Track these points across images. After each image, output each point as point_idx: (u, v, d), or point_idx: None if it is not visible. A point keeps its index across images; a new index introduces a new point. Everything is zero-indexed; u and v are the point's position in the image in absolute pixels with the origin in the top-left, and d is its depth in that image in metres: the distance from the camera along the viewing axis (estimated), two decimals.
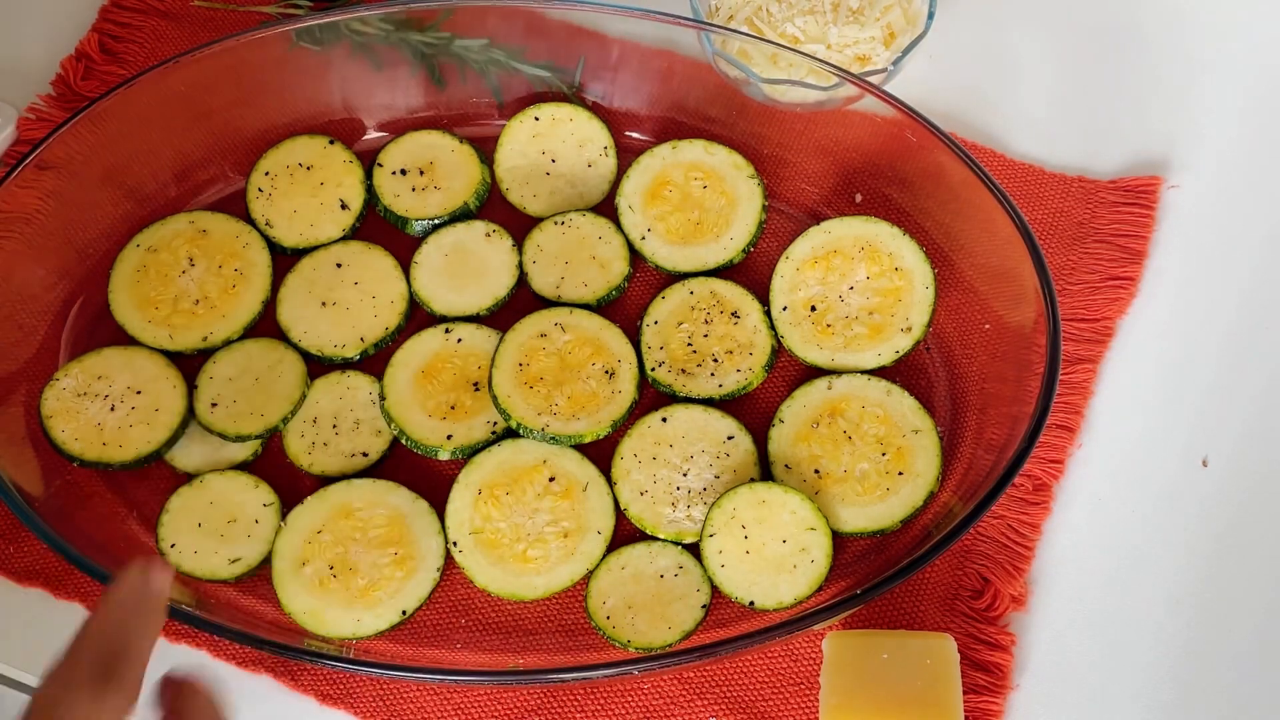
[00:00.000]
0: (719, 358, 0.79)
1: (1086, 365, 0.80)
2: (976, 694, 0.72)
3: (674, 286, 0.81)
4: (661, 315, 0.80)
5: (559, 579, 0.74)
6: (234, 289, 0.81)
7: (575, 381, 0.78)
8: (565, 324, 0.79)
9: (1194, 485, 0.78)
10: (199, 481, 0.76)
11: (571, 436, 0.76)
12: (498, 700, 0.72)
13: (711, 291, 0.81)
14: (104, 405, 0.77)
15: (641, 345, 0.79)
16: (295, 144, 0.85)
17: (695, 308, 0.80)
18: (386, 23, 0.85)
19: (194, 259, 0.81)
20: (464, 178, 0.84)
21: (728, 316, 0.80)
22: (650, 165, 0.84)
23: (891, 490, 0.74)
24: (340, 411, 0.78)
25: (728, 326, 0.79)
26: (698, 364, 0.78)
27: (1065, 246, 0.83)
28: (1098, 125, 0.88)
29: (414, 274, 0.82)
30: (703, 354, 0.79)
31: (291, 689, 0.73)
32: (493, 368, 0.77)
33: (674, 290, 0.81)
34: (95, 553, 0.69)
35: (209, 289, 0.81)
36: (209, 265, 0.81)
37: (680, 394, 0.78)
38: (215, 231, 0.82)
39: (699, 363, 0.78)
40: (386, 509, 0.75)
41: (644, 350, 0.79)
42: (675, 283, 0.81)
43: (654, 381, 0.79)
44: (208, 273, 0.81)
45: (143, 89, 0.81)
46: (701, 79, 0.86)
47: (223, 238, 0.82)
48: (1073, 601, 0.75)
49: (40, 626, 0.74)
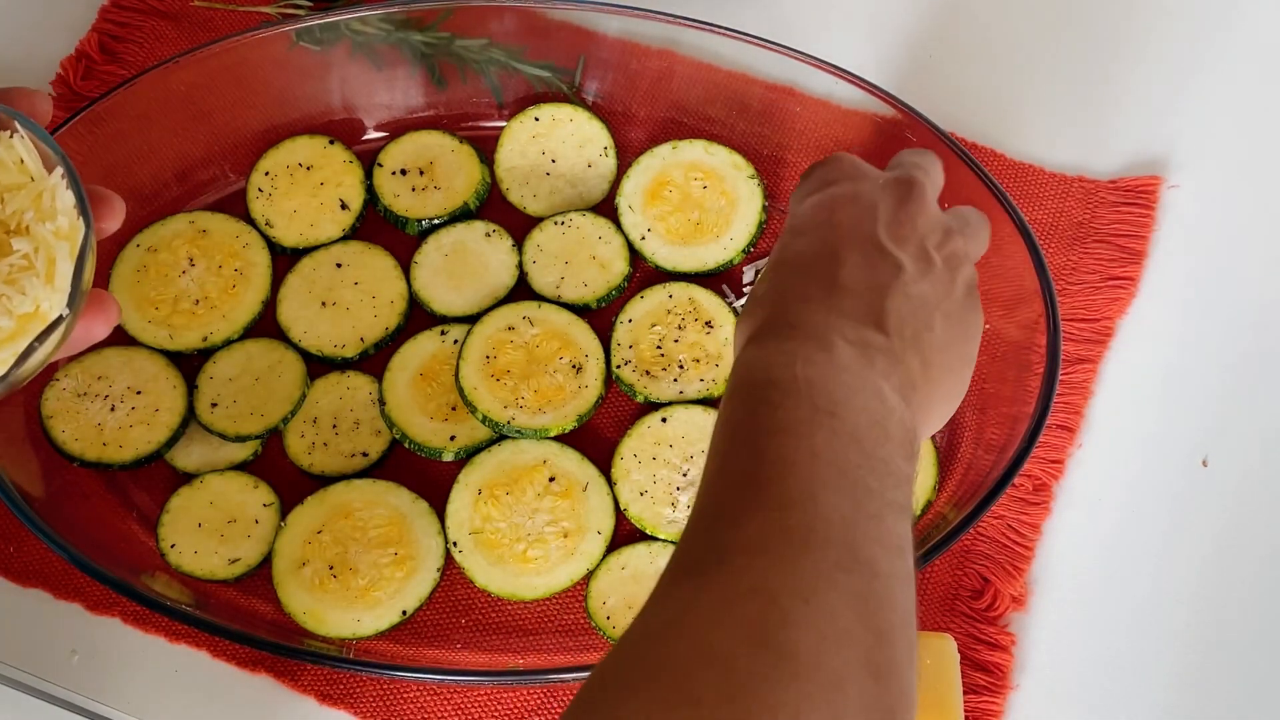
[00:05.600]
0: (685, 364, 0.79)
1: (1086, 365, 0.80)
2: (976, 694, 0.72)
3: (654, 288, 0.81)
4: (637, 315, 0.80)
5: (559, 579, 0.74)
6: (234, 289, 0.81)
7: (542, 375, 0.78)
8: (533, 318, 0.79)
9: (1194, 485, 0.78)
10: (199, 482, 0.76)
11: (537, 430, 0.76)
12: (498, 700, 0.72)
13: (690, 298, 0.80)
14: (104, 405, 0.77)
15: (612, 342, 0.79)
16: (295, 144, 0.85)
17: (672, 312, 0.80)
18: (386, 23, 0.85)
19: (194, 259, 0.81)
20: (464, 178, 0.84)
21: (701, 325, 0.80)
22: (650, 165, 0.84)
23: None
24: (340, 411, 0.78)
25: (699, 335, 0.79)
26: (663, 367, 0.78)
27: (1065, 246, 0.83)
28: (1098, 125, 0.88)
29: (414, 274, 0.82)
30: (670, 358, 0.79)
31: (291, 689, 0.73)
32: (460, 360, 0.77)
33: (654, 291, 0.81)
34: (95, 553, 0.69)
35: (209, 289, 0.81)
36: (209, 265, 0.81)
37: (639, 394, 0.78)
38: (215, 231, 0.82)
39: (664, 366, 0.78)
40: (386, 509, 0.75)
41: (613, 347, 0.79)
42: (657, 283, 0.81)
43: (617, 379, 0.79)
44: (208, 273, 0.81)
45: (143, 89, 0.81)
46: (701, 79, 0.86)
47: (223, 238, 0.82)
48: (1073, 601, 0.75)
49: (40, 626, 0.74)
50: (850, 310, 0.54)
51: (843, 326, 0.53)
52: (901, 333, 0.54)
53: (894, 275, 0.55)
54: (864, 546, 0.46)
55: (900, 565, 0.47)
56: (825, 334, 0.52)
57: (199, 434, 0.78)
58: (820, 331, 0.53)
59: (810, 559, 0.45)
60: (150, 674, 0.73)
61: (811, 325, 0.53)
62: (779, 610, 0.43)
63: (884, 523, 0.48)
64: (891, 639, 0.45)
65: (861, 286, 0.55)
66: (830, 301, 0.54)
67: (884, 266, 0.55)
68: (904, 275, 0.55)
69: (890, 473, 0.50)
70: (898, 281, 0.55)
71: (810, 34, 0.87)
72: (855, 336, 0.53)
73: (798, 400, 0.50)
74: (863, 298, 0.54)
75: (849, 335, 0.52)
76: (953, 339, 0.57)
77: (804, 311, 0.54)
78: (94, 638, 0.74)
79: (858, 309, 0.54)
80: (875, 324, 0.53)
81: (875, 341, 0.53)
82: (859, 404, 0.50)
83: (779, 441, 0.49)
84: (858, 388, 0.51)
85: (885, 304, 0.54)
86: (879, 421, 0.51)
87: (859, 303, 0.54)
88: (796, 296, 0.55)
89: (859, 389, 0.51)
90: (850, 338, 0.52)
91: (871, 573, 0.46)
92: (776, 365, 0.52)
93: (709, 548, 0.46)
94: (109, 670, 0.73)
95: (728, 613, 0.43)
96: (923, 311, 0.55)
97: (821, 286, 0.55)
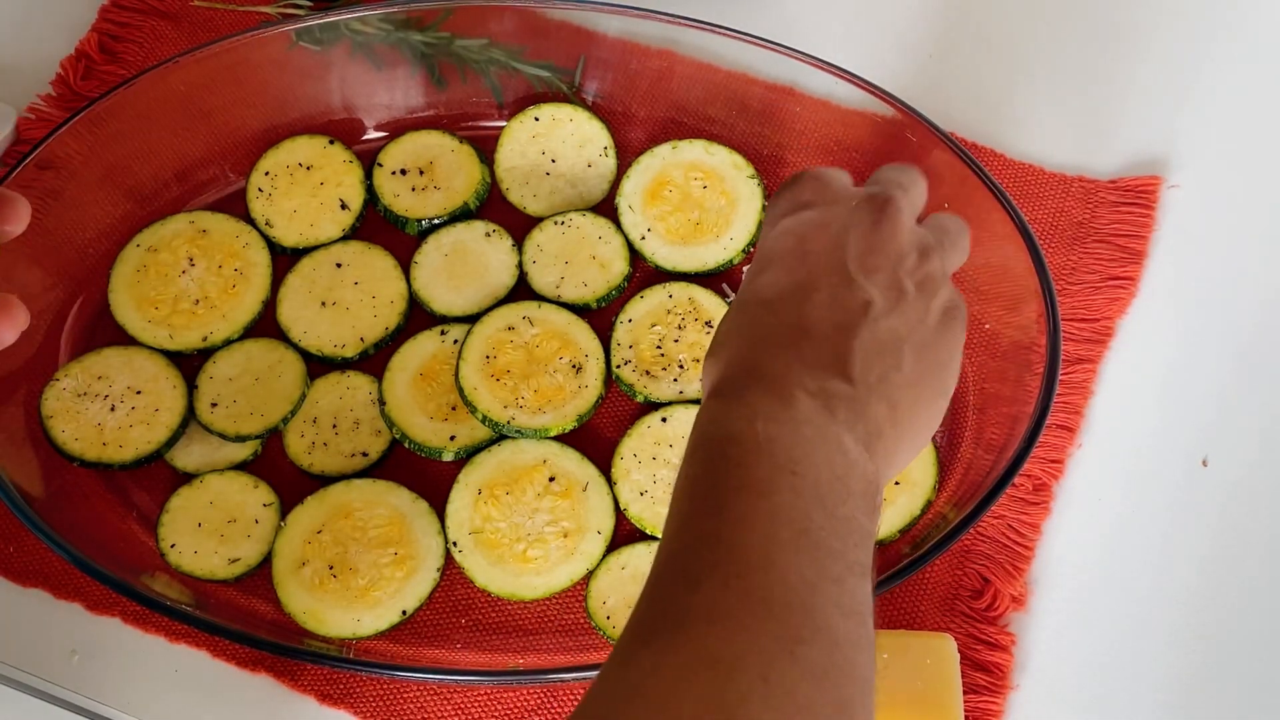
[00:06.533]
0: (685, 364, 0.79)
1: (1086, 365, 0.80)
2: (976, 694, 0.72)
3: (654, 288, 0.81)
4: (637, 315, 0.80)
5: (559, 579, 0.74)
6: (234, 289, 0.81)
7: (542, 375, 0.78)
8: (533, 318, 0.79)
9: (1194, 485, 0.78)
10: (199, 481, 0.76)
11: (537, 430, 0.76)
12: (498, 700, 0.72)
13: (690, 298, 0.80)
14: (104, 405, 0.77)
15: (611, 342, 0.79)
16: (295, 144, 0.85)
17: (671, 311, 0.80)
18: (386, 23, 0.85)
19: (194, 259, 0.81)
20: (464, 178, 0.84)
21: (701, 325, 0.80)
22: (650, 165, 0.84)
23: (888, 500, 0.74)
24: (340, 411, 0.78)
25: (699, 335, 0.79)
26: (663, 367, 0.78)
27: (1065, 246, 0.83)
28: (1098, 125, 0.88)
29: (414, 274, 0.82)
30: (670, 358, 0.79)
31: (291, 689, 0.73)
32: (460, 360, 0.77)
33: (653, 291, 0.81)
34: (95, 553, 0.69)
35: (209, 289, 0.81)
36: (209, 265, 0.81)
37: (639, 394, 0.78)
38: (215, 231, 0.82)
39: (664, 366, 0.78)
40: (386, 509, 0.75)
41: (613, 347, 0.79)
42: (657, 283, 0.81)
43: (617, 378, 0.79)
44: (208, 273, 0.81)
45: (143, 89, 0.81)
46: (702, 79, 0.86)
47: (223, 238, 0.82)
48: (1073, 601, 0.75)
49: (40, 626, 0.74)
50: (813, 358, 0.52)
51: (804, 376, 0.51)
52: (866, 378, 0.52)
53: (862, 312, 0.54)
54: (824, 613, 0.46)
55: (859, 631, 0.47)
56: (786, 386, 0.51)
57: (199, 434, 0.78)
58: (781, 383, 0.51)
59: (769, 628, 0.44)
60: (150, 674, 0.73)
61: (772, 376, 0.52)
62: (737, 687, 0.43)
63: (845, 585, 0.47)
64: (851, 711, 0.45)
65: (826, 327, 0.53)
66: (793, 348, 0.53)
67: (852, 303, 0.54)
68: (872, 310, 0.54)
69: (852, 531, 0.49)
70: (865, 319, 0.53)
71: (810, 34, 0.87)
72: (817, 387, 0.51)
73: (758, 458, 0.49)
74: (827, 340, 0.53)
75: (810, 386, 0.51)
76: (924, 372, 0.55)
77: (766, 359, 0.53)
78: (94, 638, 0.74)
79: (821, 355, 0.52)
80: (839, 371, 0.52)
81: (839, 391, 0.51)
82: (820, 460, 0.49)
83: (738, 501, 0.48)
84: (819, 442, 0.50)
85: (850, 345, 0.53)
86: (841, 477, 0.50)
87: (823, 347, 0.53)
88: (759, 341, 0.54)
89: (820, 443, 0.50)
90: (811, 388, 0.51)
91: (831, 642, 0.45)
92: (736, 420, 0.51)
93: (667, 611, 0.46)
94: (109, 670, 0.73)
95: (687, 686, 0.43)
96: (891, 349, 0.54)
97: (785, 329, 0.53)
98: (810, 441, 0.50)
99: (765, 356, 0.53)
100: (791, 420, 0.50)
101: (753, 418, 0.50)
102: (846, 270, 0.54)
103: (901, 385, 0.53)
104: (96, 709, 0.73)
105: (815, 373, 0.52)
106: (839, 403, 0.51)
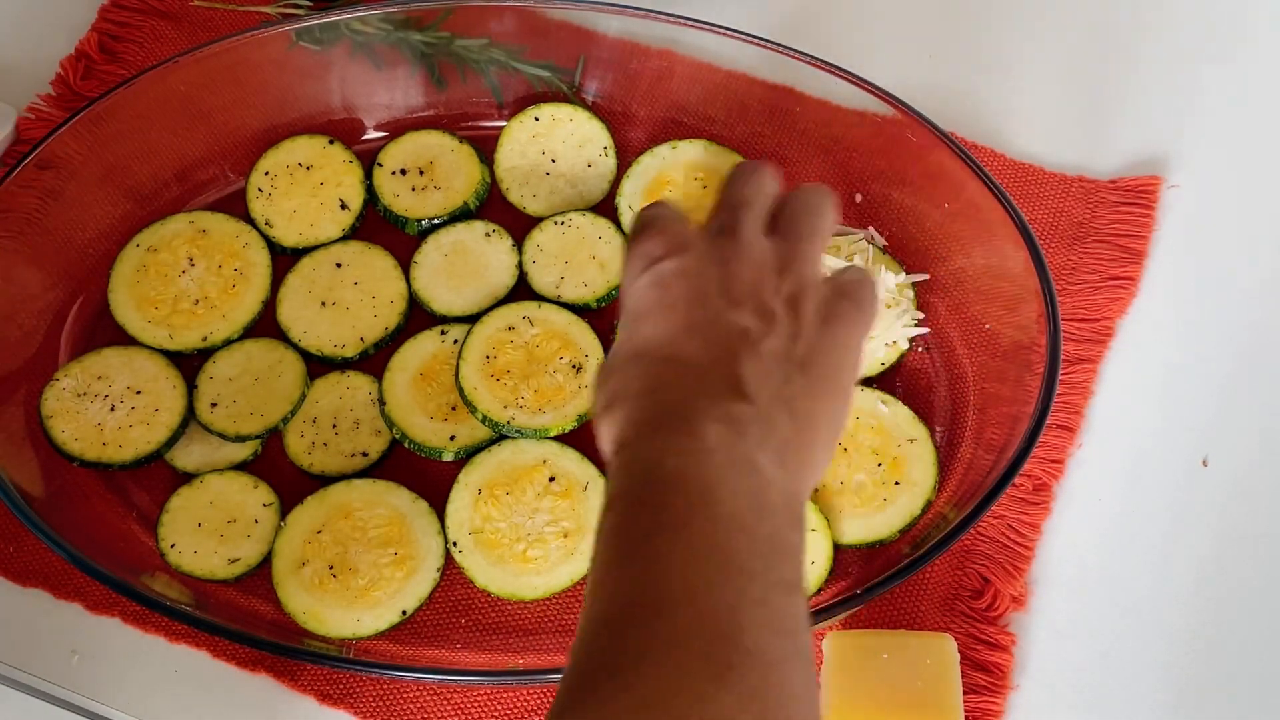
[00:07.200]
0: None
1: (1086, 365, 0.80)
2: (976, 694, 0.72)
3: None
4: None
5: (559, 579, 0.74)
6: (234, 289, 0.81)
7: (542, 375, 0.78)
8: (533, 318, 0.79)
9: (1194, 485, 0.78)
10: (199, 481, 0.76)
11: (537, 430, 0.76)
12: (498, 700, 0.72)
13: None
14: (104, 405, 0.77)
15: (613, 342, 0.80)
16: (295, 144, 0.85)
17: None
18: (386, 23, 0.85)
19: (194, 259, 0.81)
20: (464, 178, 0.84)
21: None
22: (650, 165, 0.84)
23: (889, 500, 0.74)
24: (340, 411, 0.78)
25: None
26: None
27: (1065, 246, 0.83)
28: (1098, 125, 0.88)
29: (414, 274, 0.82)
30: None
31: (291, 689, 0.73)
32: (460, 360, 0.77)
33: None
34: (95, 553, 0.69)
35: (209, 289, 0.81)
36: (209, 265, 0.81)
37: None
38: (215, 231, 0.82)
39: None
40: (386, 509, 0.75)
41: None
42: None
43: None
44: (208, 273, 0.81)
45: (143, 89, 0.81)
46: (702, 79, 0.86)
47: (223, 238, 0.82)
48: (1073, 601, 0.75)
49: (40, 626, 0.74)
50: (710, 388, 0.52)
51: (707, 406, 0.51)
52: (762, 395, 0.52)
53: (741, 339, 0.54)
54: (751, 635, 0.46)
55: (792, 645, 0.47)
56: (690, 419, 0.51)
57: (199, 434, 0.78)
58: (685, 417, 0.51)
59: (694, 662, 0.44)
60: (150, 674, 0.73)
61: (675, 414, 0.52)
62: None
63: (770, 605, 0.47)
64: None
65: (713, 359, 0.53)
66: (688, 384, 0.53)
67: (729, 334, 0.54)
68: (750, 336, 0.54)
69: (775, 549, 0.49)
70: (746, 344, 0.53)
71: (810, 34, 0.87)
72: (721, 412, 0.51)
73: (673, 495, 0.49)
74: (717, 369, 0.53)
75: (714, 413, 0.51)
76: (817, 378, 0.54)
77: (664, 401, 0.53)
78: (94, 638, 0.74)
79: (716, 384, 0.52)
80: (737, 393, 0.52)
81: (742, 413, 0.51)
82: (734, 484, 0.49)
83: (657, 542, 0.48)
84: (729, 466, 0.50)
85: (740, 370, 0.52)
86: (758, 496, 0.50)
87: (715, 376, 0.53)
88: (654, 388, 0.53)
89: (730, 467, 0.50)
90: (716, 415, 0.51)
91: (764, 663, 0.45)
92: (645, 464, 0.51)
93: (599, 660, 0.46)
94: (109, 670, 0.73)
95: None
96: (777, 367, 0.53)
97: (674, 370, 0.53)
98: (721, 467, 0.50)
99: (663, 399, 0.53)
100: (700, 450, 0.50)
101: (661, 457, 0.50)
102: (715, 308, 0.55)
103: (798, 395, 0.53)
104: (96, 709, 0.73)
105: (716, 400, 0.52)
106: (745, 423, 0.51)
